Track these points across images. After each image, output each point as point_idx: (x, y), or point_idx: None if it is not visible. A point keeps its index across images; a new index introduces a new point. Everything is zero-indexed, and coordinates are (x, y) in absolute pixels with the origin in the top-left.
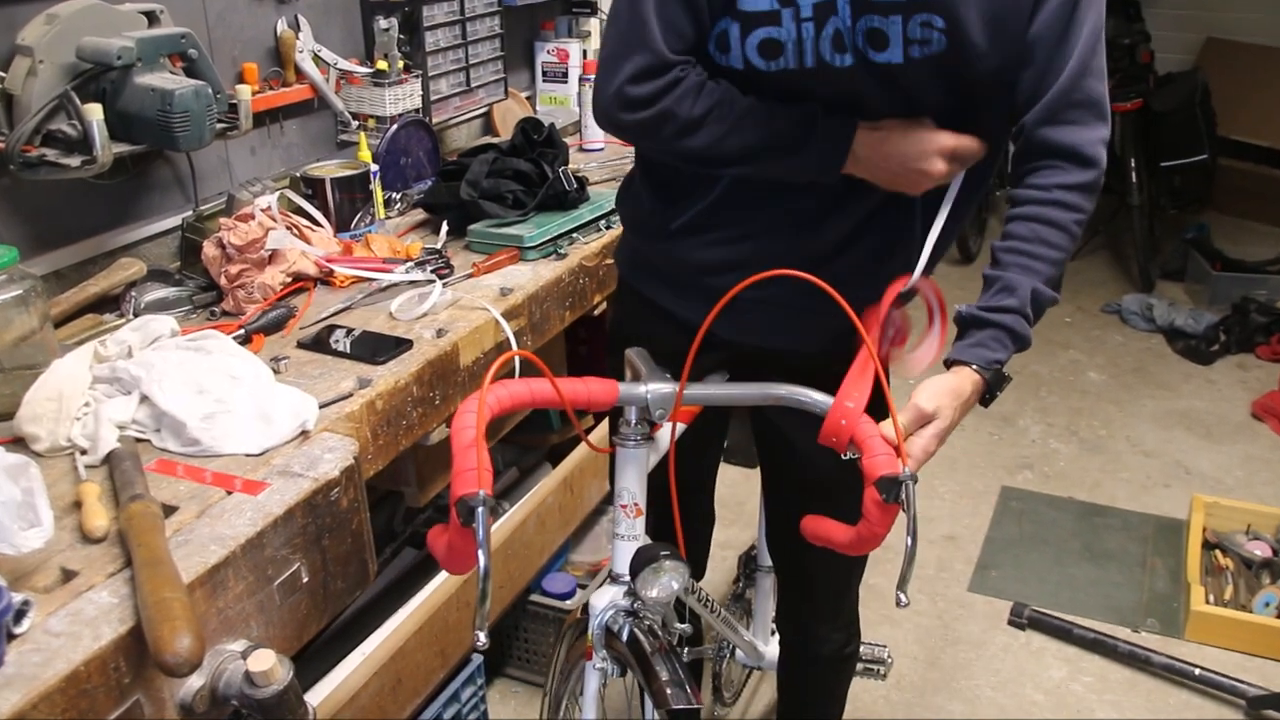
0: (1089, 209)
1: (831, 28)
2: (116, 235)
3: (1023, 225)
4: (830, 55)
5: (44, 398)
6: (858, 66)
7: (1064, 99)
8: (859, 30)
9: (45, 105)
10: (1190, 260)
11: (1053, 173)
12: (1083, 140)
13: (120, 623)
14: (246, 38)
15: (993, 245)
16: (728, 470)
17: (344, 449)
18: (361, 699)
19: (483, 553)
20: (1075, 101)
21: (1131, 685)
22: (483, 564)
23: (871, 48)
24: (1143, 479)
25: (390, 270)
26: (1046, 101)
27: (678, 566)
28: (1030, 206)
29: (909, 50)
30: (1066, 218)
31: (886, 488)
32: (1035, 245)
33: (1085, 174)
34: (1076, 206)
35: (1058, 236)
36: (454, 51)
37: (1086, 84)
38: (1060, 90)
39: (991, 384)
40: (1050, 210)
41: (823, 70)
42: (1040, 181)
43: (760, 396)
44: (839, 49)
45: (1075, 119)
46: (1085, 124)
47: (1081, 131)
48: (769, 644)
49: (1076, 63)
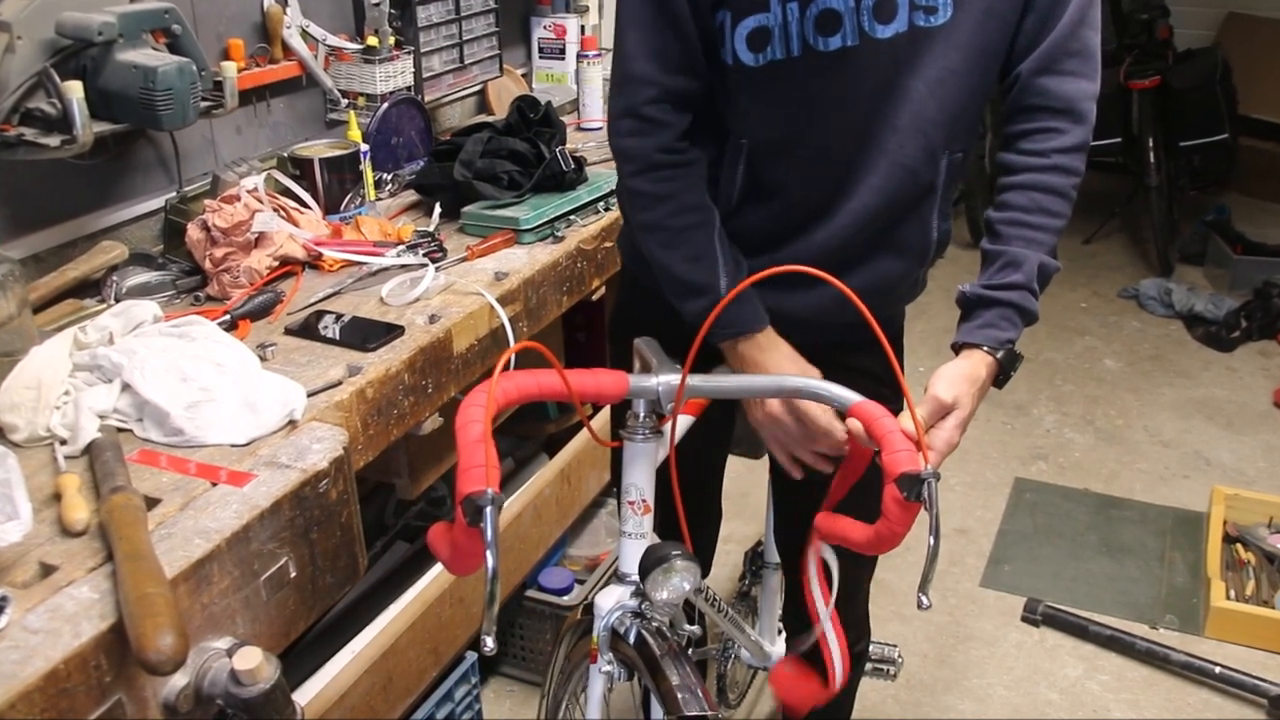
0: (1083, 171)
1: (816, 9)
2: (97, 217)
3: (1021, 195)
4: (814, 39)
5: (22, 386)
6: (856, 48)
7: (1061, 47)
8: (864, 7)
9: (23, 83)
10: (1210, 243)
11: (1048, 136)
12: (1078, 93)
13: (101, 619)
14: (232, 13)
15: (988, 216)
16: (731, 461)
17: (333, 439)
18: (351, 698)
19: (491, 554)
20: (1073, 50)
21: (1149, 684)
22: (491, 565)
23: (879, 20)
24: (1161, 470)
25: (381, 254)
26: (1045, 48)
27: (689, 567)
28: (1028, 174)
29: (913, 18)
30: (1065, 183)
31: (908, 485)
32: (1036, 215)
33: (1079, 132)
34: (1073, 170)
35: (1058, 204)
36: (447, 27)
37: (1083, 33)
38: (1060, 36)
39: (1005, 364)
40: (1049, 176)
41: (808, 57)
42: (1037, 147)
43: (775, 389)
44: (824, 31)
45: (1072, 69)
46: (1081, 75)
47: (1077, 83)
48: (775, 644)
49: (1075, 10)
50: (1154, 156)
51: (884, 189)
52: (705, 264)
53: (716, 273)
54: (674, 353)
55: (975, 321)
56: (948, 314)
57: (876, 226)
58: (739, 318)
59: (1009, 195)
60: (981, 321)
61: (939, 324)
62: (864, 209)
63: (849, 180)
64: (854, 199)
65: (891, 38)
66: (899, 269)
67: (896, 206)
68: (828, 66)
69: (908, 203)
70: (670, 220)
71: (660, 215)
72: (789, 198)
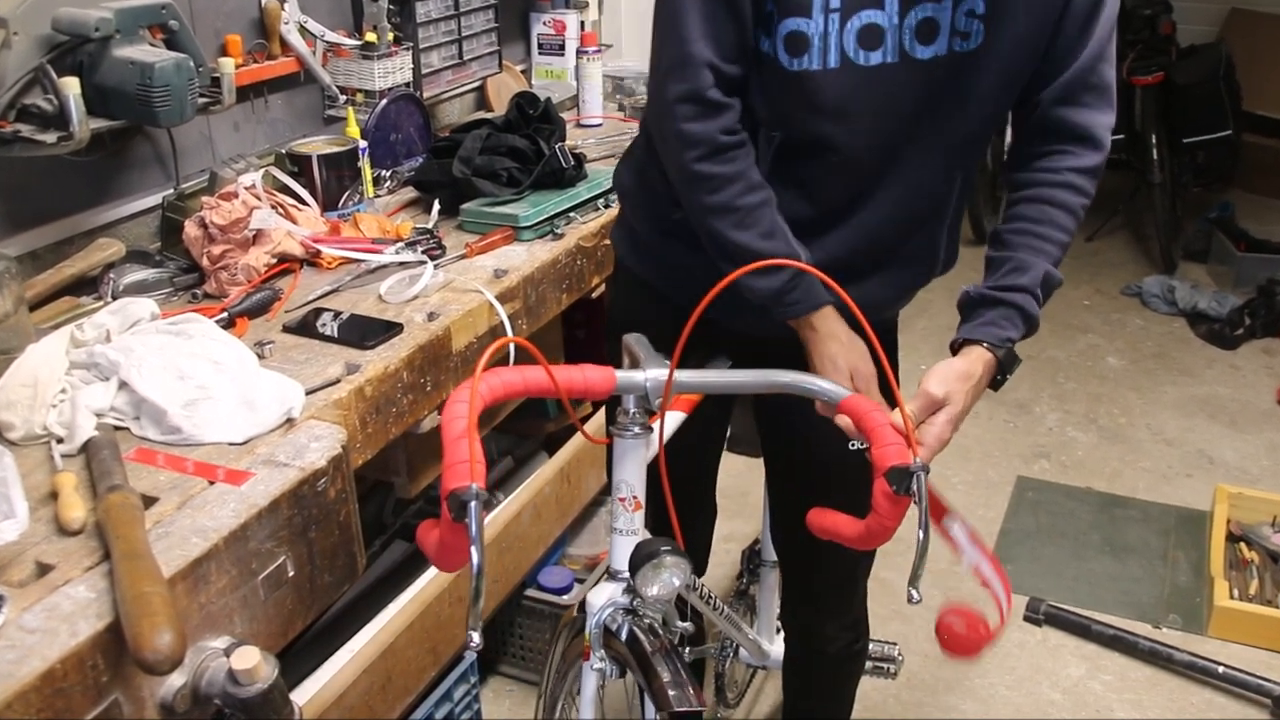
0: (1092, 194)
1: (859, 22)
2: (94, 214)
3: (1032, 207)
4: (855, 52)
5: (18, 384)
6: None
7: (1081, 80)
8: (906, 27)
9: (19, 79)
10: (1214, 240)
11: (1064, 157)
12: (1095, 123)
13: (98, 618)
14: (230, 9)
15: (995, 229)
16: (730, 460)
17: (331, 437)
18: (350, 698)
19: (476, 549)
20: (1091, 85)
21: (1152, 684)
22: (476, 561)
23: (920, 41)
24: (1164, 469)
25: (379, 251)
26: (1066, 80)
27: (679, 562)
28: (1039, 189)
29: (953, 43)
30: (1075, 201)
31: (897, 479)
32: (1045, 227)
33: (1094, 157)
34: (1084, 190)
35: (1065, 219)
36: (446, 23)
37: (1101, 68)
38: (1080, 70)
39: (1004, 363)
40: (1060, 193)
41: (846, 69)
42: (1051, 165)
43: (764, 384)
44: (866, 45)
45: (1089, 102)
46: (1098, 108)
47: (1094, 114)
48: (774, 642)
49: (1095, 45)
50: (1157, 153)
51: (900, 202)
52: (780, 239)
53: (792, 246)
54: (669, 348)
55: (976, 320)
56: (949, 313)
57: (887, 239)
58: (815, 289)
59: (1019, 208)
60: (983, 320)
61: (940, 322)
62: (878, 221)
63: (868, 191)
64: (869, 210)
65: (930, 59)
66: (902, 282)
67: (910, 222)
68: (864, 80)
69: (920, 219)
70: (741, 200)
71: (731, 196)
72: (809, 198)
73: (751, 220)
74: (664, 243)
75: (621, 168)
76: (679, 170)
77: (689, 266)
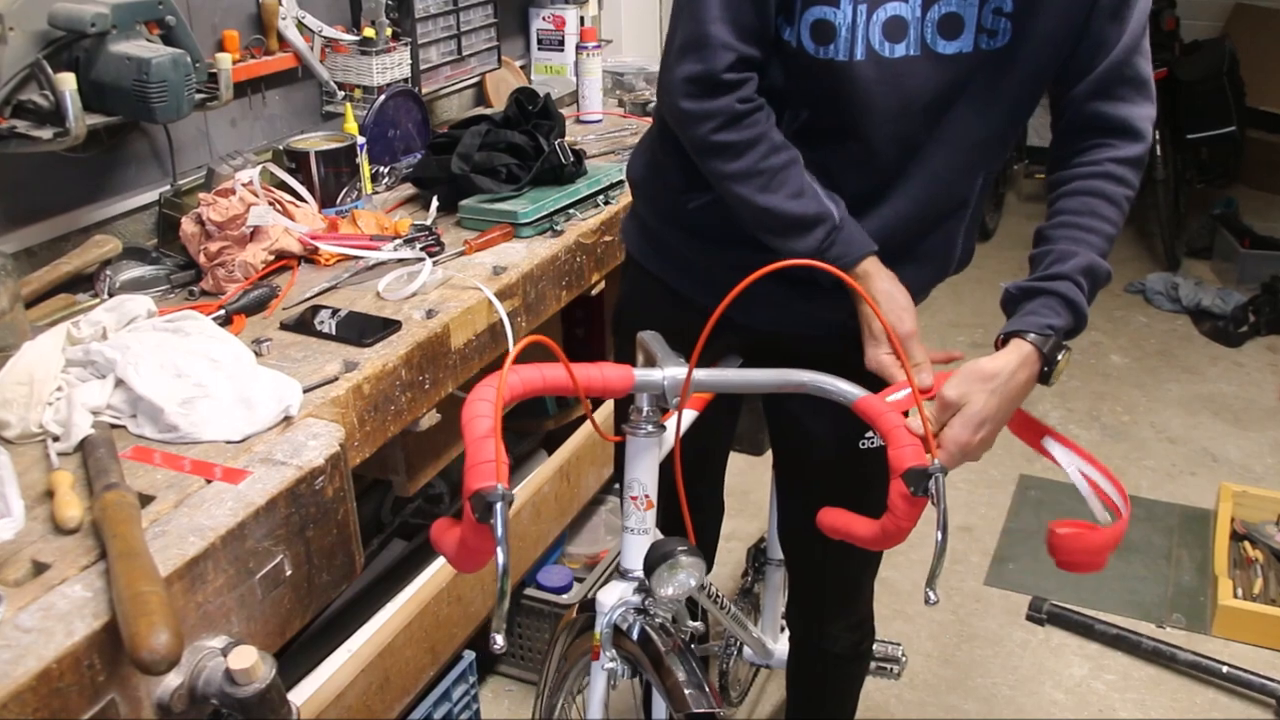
0: (1136, 185)
1: (885, 14)
2: (90, 211)
3: (1072, 200)
4: (880, 44)
5: (14, 382)
6: (918, 59)
7: (1117, 74)
8: (929, 20)
9: (15, 75)
10: (1218, 237)
11: (1102, 149)
12: (1134, 115)
13: (94, 618)
14: (227, 4)
15: (1038, 228)
16: (731, 458)
17: (329, 435)
18: (348, 698)
19: (502, 550)
20: (1127, 78)
21: (1156, 683)
22: (502, 561)
23: (943, 36)
24: (1168, 467)
25: (378, 248)
26: (1100, 74)
27: (695, 563)
28: (1078, 181)
29: (979, 40)
30: (1116, 191)
31: (915, 480)
32: (1085, 218)
33: (1135, 147)
34: (1126, 180)
35: (1108, 209)
36: (445, 18)
37: (1136, 61)
38: (1114, 63)
39: (1047, 354)
40: (1099, 183)
41: (871, 61)
42: (1090, 158)
43: (781, 383)
44: (891, 37)
45: (1126, 95)
46: (1135, 101)
47: (1132, 108)
48: (778, 641)
49: (1129, 38)
50: (1161, 149)
51: (919, 199)
52: (810, 197)
53: (824, 202)
54: (679, 344)
55: (1017, 313)
56: (951, 309)
57: (904, 235)
58: (858, 239)
59: (1060, 203)
60: (1023, 311)
61: (941, 319)
62: (896, 216)
63: (887, 185)
64: (888, 204)
65: (954, 55)
66: (918, 279)
67: (928, 218)
68: (888, 73)
69: (939, 216)
70: (764, 163)
71: (754, 160)
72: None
73: (778, 182)
74: (675, 235)
75: (634, 159)
76: (697, 143)
77: (700, 261)
